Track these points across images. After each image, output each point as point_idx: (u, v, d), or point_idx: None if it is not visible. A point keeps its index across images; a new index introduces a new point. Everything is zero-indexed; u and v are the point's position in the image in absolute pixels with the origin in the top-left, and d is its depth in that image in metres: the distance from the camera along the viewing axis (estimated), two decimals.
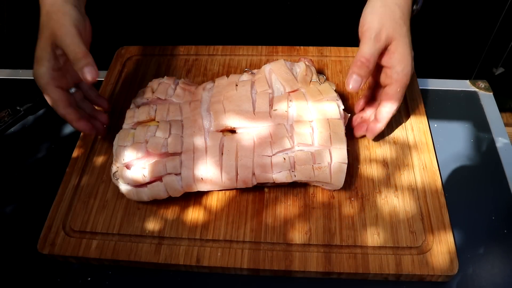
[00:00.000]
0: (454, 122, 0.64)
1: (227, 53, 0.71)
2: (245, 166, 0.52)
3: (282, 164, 0.52)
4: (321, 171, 0.51)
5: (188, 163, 0.52)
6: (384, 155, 0.58)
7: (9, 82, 0.74)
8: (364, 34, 0.51)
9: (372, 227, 0.52)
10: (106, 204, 0.55)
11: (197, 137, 0.54)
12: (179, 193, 0.53)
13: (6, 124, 0.66)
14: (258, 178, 0.52)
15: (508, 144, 0.62)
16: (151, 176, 0.52)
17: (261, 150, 0.52)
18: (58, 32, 0.50)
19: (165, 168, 0.52)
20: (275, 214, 0.53)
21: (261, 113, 0.54)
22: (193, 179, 0.52)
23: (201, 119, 0.55)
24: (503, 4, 1.07)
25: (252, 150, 0.52)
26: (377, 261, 0.49)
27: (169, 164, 0.52)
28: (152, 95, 0.59)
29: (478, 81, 0.69)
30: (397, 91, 0.52)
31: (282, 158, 0.52)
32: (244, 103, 0.55)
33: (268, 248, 0.51)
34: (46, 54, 0.51)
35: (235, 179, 0.52)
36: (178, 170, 0.52)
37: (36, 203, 0.58)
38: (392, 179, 0.56)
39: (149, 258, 0.51)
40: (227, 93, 0.56)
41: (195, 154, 0.53)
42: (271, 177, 0.52)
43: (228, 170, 0.52)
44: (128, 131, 0.55)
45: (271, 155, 0.52)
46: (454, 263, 0.49)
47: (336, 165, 0.52)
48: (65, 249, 0.52)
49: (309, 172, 0.51)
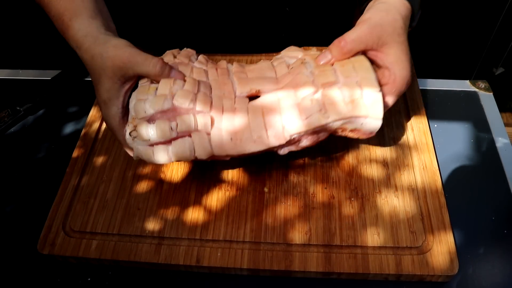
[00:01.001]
0: (454, 122, 0.64)
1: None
2: (273, 119, 0.49)
3: (310, 107, 0.48)
4: (354, 104, 0.47)
5: (218, 122, 0.49)
6: (384, 155, 0.58)
7: (9, 82, 0.74)
8: (358, 23, 0.50)
9: (372, 227, 0.52)
10: (106, 204, 0.55)
11: (226, 100, 0.50)
12: (207, 154, 0.49)
13: (6, 124, 0.66)
14: (289, 130, 0.49)
15: (508, 144, 0.62)
16: (180, 129, 0.47)
17: (286, 102, 0.49)
18: (122, 63, 0.48)
19: (196, 123, 0.48)
20: (275, 214, 0.53)
21: (283, 76, 0.52)
22: (222, 139, 0.49)
23: (231, 84, 0.52)
24: (503, 4, 1.07)
25: (278, 104, 0.49)
26: (377, 261, 0.49)
27: (200, 119, 0.48)
28: (173, 59, 0.53)
29: (478, 81, 0.69)
30: (391, 92, 0.51)
31: (309, 101, 0.48)
32: (266, 71, 0.53)
33: (268, 248, 0.51)
34: (116, 92, 0.49)
35: (266, 136, 0.49)
36: (208, 128, 0.48)
37: (36, 203, 0.58)
38: (392, 179, 0.56)
39: (149, 258, 0.51)
40: (248, 66, 0.54)
41: (224, 114, 0.49)
42: (302, 124, 0.48)
43: (257, 128, 0.49)
44: (148, 86, 0.50)
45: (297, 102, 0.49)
46: (454, 263, 0.49)
47: (368, 95, 0.48)
48: (65, 249, 0.52)
49: (342, 108, 0.47)
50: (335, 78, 0.48)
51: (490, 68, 1.23)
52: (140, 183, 0.57)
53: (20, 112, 0.67)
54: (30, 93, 0.69)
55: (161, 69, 0.49)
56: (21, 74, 0.75)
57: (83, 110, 0.68)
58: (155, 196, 0.56)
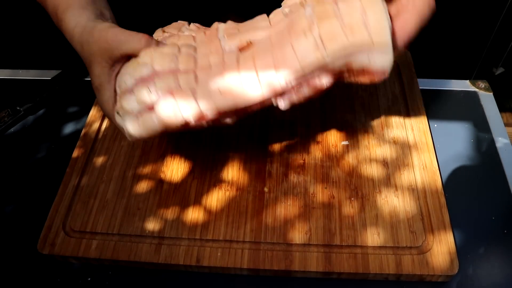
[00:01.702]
0: (454, 122, 0.64)
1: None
2: (265, 64, 0.42)
3: (304, 42, 0.41)
4: (354, 30, 0.40)
5: (204, 78, 0.44)
6: (384, 155, 0.58)
7: (9, 82, 0.74)
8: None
9: (372, 227, 0.52)
10: (106, 204, 0.55)
11: (213, 56, 0.45)
12: (196, 116, 0.44)
13: (6, 124, 0.66)
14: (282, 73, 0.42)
15: (508, 144, 0.62)
16: (158, 92, 0.43)
17: (279, 44, 0.43)
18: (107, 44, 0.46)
19: (178, 82, 0.43)
20: (275, 214, 0.53)
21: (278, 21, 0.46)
22: (209, 94, 0.43)
23: (218, 41, 0.46)
24: (503, 4, 1.07)
25: (270, 47, 0.43)
26: (377, 261, 0.49)
27: (182, 77, 0.43)
28: (162, 34, 0.49)
29: (478, 81, 0.69)
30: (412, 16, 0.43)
31: (303, 36, 0.41)
32: (260, 21, 0.47)
33: (268, 248, 0.51)
34: (106, 77, 0.47)
35: (258, 84, 0.43)
36: (193, 85, 0.43)
37: (36, 203, 0.58)
38: (392, 179, 0.56)
39: (149, 258, 0.51)
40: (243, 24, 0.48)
41: (212, 70, 0.44)
42: (297, 62, 0.42)
43: (248, 76, 0.43)
44: (133, 60, 0.46)
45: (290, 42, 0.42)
46: (454, 263, 0.49)
47: (371, 18, 0.40)
48: (65, 249, 0.52)
49: (341, 38, 0.40)
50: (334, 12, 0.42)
51: (490, 68, 1.23)
52: (140, 183, 0.57)
53: (20, 112, 0.67)
54: (30, 93, 0.69)
55: (146, 43, 0.46)
56: (21, 74, 0.75)
57: (83, 110, 0.68)
58: (155, 196, 0.56)
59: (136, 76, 0.44)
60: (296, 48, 0.42)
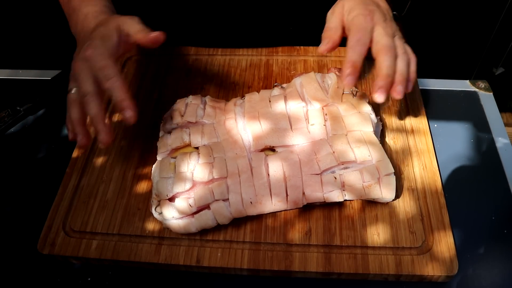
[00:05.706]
0: (454, 122, 0.64)
1: (227, 54, 0.71)
2: (294, 186, 0.51)
3: (333, 183, 0.51)
4: (371, 188, 0.51)
5: (235, 187, 0.50)
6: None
7: (9, 82, 0.74)
8: None
9: (372, 227, 0.52)
10: (106, 204, 0.55)
11: (240, 160, 0.52)
12: (228, 220, 0.51)
13: (6, 124, 0.66)
14: (308, 198, 0.51)
15: (508, 144, 0.62)
16: (198, 205, 0.50)
17: (308, 169, 0.51)
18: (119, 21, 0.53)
19: (213, 195, 0.50)
20: (275, 214, 0.53)
21: (299, 130, 0.54)
22: (242, 204, 0.50)
23: (241, 139, 0.54)
24: (503, 4, 1.07)
25: (299, 169, 0.51)
26: (377, 261, 0.49)
27: (216, 190, 0.50)
28: (181, 119, 0.56)
29: (478, 81, 0.69)
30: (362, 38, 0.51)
31: (333, 178, 0.51)
32: (281, 121, 0.55)
33: (268, 248, 0.51)
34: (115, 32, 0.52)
35: (285, 201, 0.51)
36: (225, 195, 0.50)
37: (36, 203, 0.58)
38: None
39: (149, 258, 0.51)
40: (261, 110, 0.56)
41: (241, 177, 0.51)
42: (321, 196, 0.51)
43: (278, 192, 0.51)
44: (168, 161, 0.53)
45: (319, 173, 0.51)
46: (454, 263, 0.49)
47: (384, 179, 0.51)
48: (65, 249, 0.52)
49: (360, 191, 0.51)
50: (353, 156, 0.52)
51: (490, 68, 1.23)
52: (140, 183, 0.57)
53: (20, 112, 0.67)
54: (30, 93, 0.69)
55: None
56: (21, 74, 0.75)
57: None
58: None
59: (179, 190, 0.50)
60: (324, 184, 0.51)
